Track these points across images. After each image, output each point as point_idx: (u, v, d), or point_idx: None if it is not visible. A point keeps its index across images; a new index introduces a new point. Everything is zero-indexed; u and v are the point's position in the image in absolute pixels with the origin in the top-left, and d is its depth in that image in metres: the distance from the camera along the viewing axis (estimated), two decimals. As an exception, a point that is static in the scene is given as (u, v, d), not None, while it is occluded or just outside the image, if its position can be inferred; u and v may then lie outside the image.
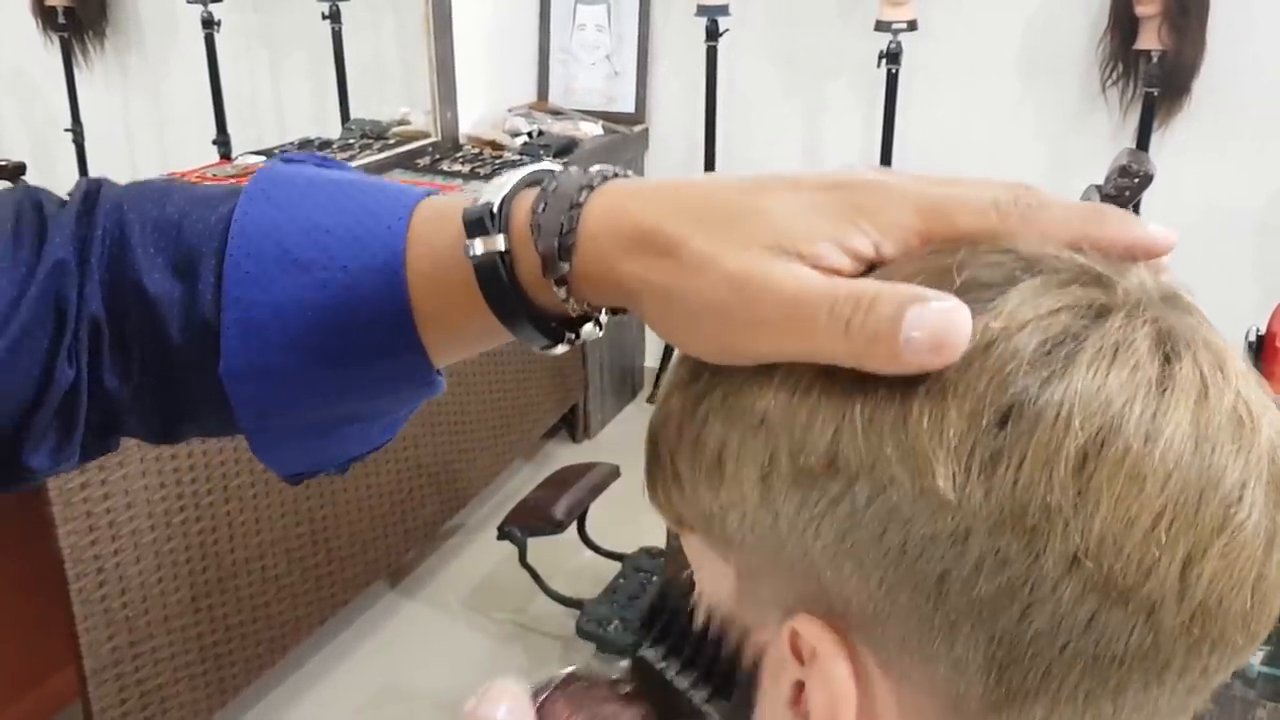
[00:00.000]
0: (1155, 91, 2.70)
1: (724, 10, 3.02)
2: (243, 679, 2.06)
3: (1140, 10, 2.65)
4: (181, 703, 1.91)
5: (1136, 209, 2.55)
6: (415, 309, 0.43)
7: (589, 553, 2.54)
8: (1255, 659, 1.06)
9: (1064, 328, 0.33)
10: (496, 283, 0.41)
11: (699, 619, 0.38)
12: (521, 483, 2.87)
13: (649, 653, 0.35)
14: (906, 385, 0.33)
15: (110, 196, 0.46)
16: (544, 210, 0.40)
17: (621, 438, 3.27)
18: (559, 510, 2.34)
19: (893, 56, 2.85)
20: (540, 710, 0.35)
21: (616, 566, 2.47)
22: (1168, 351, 0.33)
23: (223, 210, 0.44)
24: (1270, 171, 2.74)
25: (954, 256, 0.35)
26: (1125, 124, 2.83)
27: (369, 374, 0.44)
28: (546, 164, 0.43)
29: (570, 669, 0.37)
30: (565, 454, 3.19)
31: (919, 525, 0.32)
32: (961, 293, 0.33)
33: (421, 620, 2.52)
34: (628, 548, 2.49)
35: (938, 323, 0.32)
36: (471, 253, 0.41)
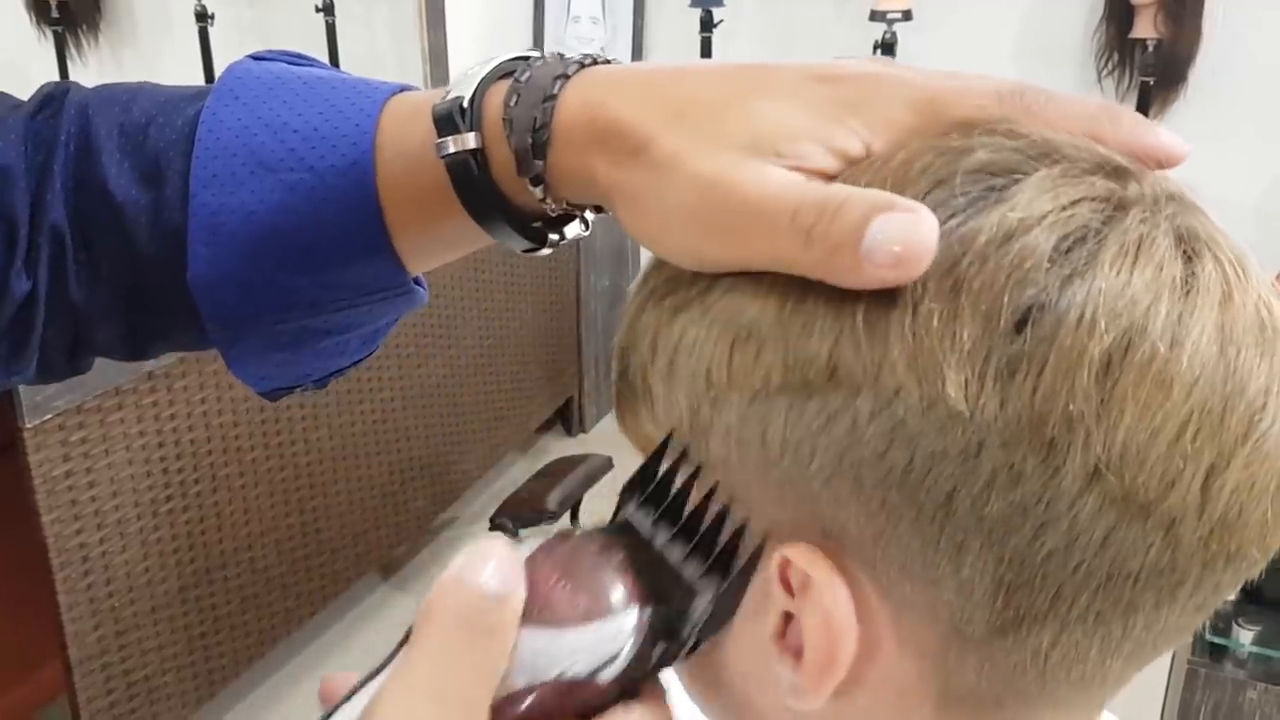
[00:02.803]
0: (1151, 80, 2.69)
1: (718, 1, 3.01)
2: (231, 671, 2.05)
3: (1136, -1, 2.64)
4: (169, 694, 1.90)
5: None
6: (386, 211, 0.41)
7: (582, 545, 2.53)
8: (1246, 639, 1.05)
9: (1084, 223, 0.31)
10: (471, 183, 0.39)
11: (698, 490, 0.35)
12: (516, 476, 2.86)
13: (637, 515, 0.32)
14: (915, 282, 0.30)
15: (76, 101, 0.44)
16: (516, 104, 0.38)
17: (616, 431, 3.24)
18: (551, 501, 2.33)
19: (887, 47, 2.84)
20: (527, 571, 0.33)
21: (609, 558, 2.46)
22: (1188, 250, 0.31)
23: (189, 112, 0.42)
24: (1267, 160, 2.73)
25: (966, 139, 0.32)
26: (1121, 114, 2.82)
27: (340, 280, 0.42)
28: (520, 52, 0.41)
29: (559, 529, 0.35)
30: (559, 447, 3.18)
31: (927, 441, 0.30)
32: (972, 175, 0.31)
33: (413, 613, 2.49)
34: (621, 539, 2.47)
35: (901, 233, 0.29)
36: (443, 152, 0.39)
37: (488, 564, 0.32)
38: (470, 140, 0.38)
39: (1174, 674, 1.19)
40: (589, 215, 0.42)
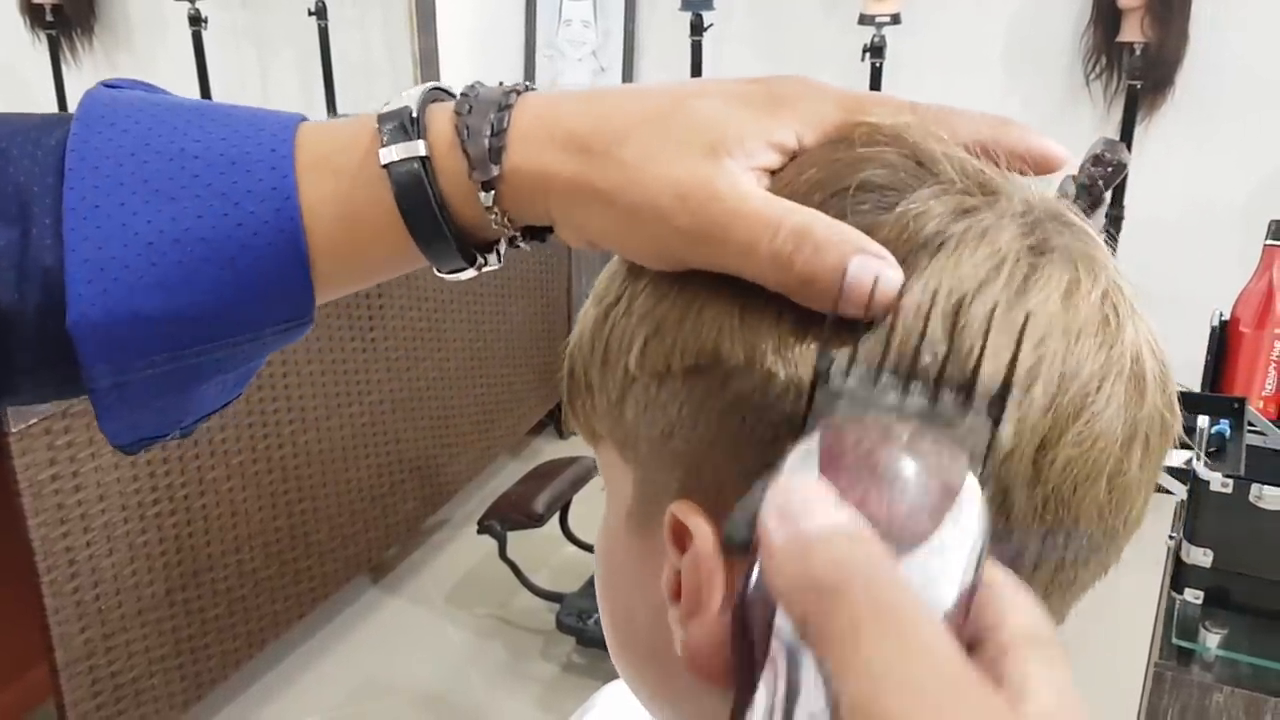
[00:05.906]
0: (1139, 84, 2.70)
1: (709, 5, 3.01)
2: (219, 673, 2.06)
3: (1123, 2, 2.65)
4: (157, 696, 1.91)
5: (1117, 198, 2.54)
6: (309, 234, 0.39)
7: (571, 547, 2.54)
8: (1212, 643, 1.06)
9: (940, 226, 0.34)
10: (417, 193, 0.38)
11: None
12: (507, 478, 2.86)
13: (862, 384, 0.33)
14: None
15: None
16: (470, 113, 0.38)
17: (608, 433, 3.26)
18: (539, 504, 2.34)
19: (876, 50, 2.85)
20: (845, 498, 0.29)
21: (598, 561, 2.46)
22: (1038, 247, 0.34)
23: (50, 141, 0.39)
24: (1253, 162, 2.74)
25: (851, 151, 0.36)
26: (1109, 117, 2.83)
27: (246, 312, 0.40)
28: (447, 84, 0.41)
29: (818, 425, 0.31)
30: (551, 449, 3.19)
31: (785, 412, 0.34)
32: (856, 193, 0.35)
33: (403, 615, 2.51)
34: (609, 542, 2.48)
35: (872, 278, 0.32)
36: (387, 160, 0.38)
37: (812, 505, 0.28)
38: (419, 148, 0.38)
39: (1147, 679, 1.20)
40: (502, 247, 0.42)
